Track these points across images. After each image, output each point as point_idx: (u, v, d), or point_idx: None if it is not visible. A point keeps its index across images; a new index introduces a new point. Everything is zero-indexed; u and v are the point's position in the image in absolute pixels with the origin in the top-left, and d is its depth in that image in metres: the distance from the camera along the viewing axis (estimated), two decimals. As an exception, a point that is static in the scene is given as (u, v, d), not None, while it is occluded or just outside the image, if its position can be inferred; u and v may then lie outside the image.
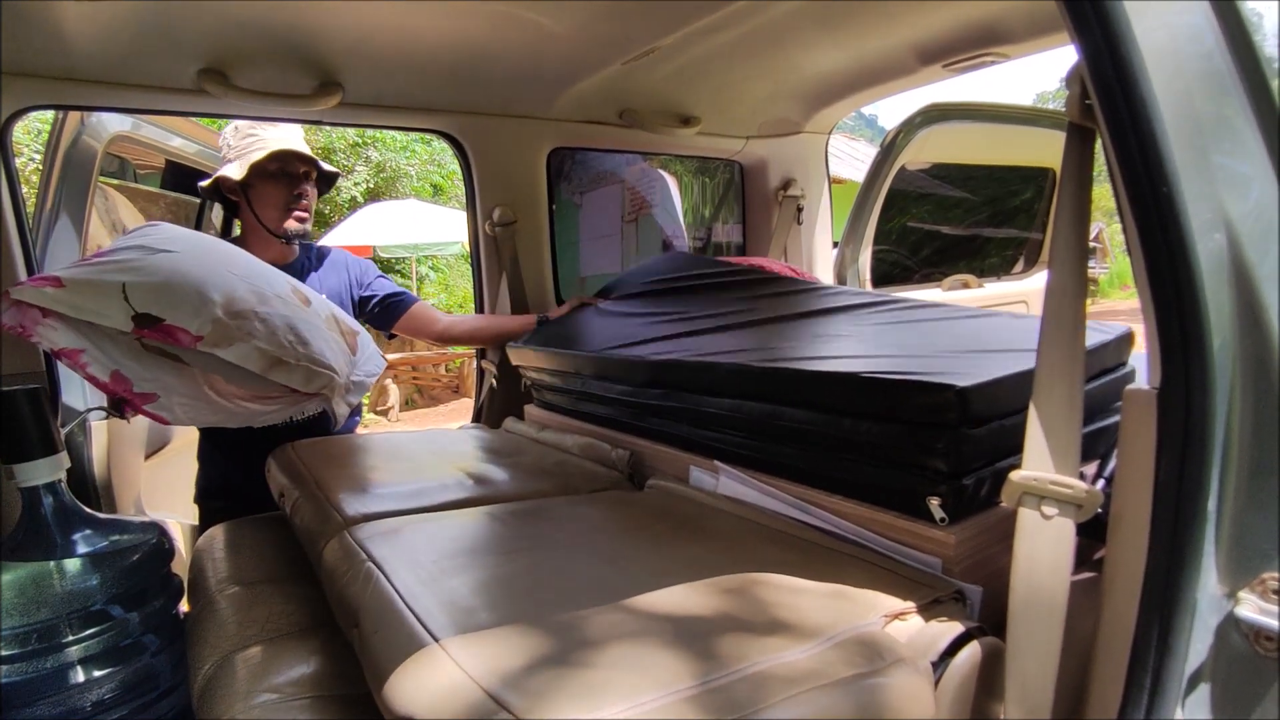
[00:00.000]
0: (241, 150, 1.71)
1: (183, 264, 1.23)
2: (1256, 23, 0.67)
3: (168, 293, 1.18)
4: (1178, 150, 0.60)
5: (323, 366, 1.31)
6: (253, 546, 1.29)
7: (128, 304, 1.14)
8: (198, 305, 1.19)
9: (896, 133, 2.53)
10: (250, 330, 1.22)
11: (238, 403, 1.32)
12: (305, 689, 0.88)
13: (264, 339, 1.23)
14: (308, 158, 1.74)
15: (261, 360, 1.22)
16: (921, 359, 1.04)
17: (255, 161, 1.68)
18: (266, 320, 1.25)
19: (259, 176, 1.70)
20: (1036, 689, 0.68)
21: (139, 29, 1.30)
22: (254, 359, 1.21)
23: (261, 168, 1.69)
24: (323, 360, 1.31)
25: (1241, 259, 0.62)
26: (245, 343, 1.21)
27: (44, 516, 0.99)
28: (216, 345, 1.18)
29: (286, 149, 1.69)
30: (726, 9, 1.40)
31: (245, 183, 1.71)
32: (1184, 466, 0.61)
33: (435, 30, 1.46)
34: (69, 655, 0.92)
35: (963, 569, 0.84)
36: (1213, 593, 0.64)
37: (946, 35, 1.71)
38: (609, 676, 0.64)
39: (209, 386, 1.28)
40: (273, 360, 1.24)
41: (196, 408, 1.26)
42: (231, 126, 1.75)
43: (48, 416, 1.03)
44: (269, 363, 1.23)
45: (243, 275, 1.29)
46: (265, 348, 1.22)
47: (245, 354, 1.20)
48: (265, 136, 1.71)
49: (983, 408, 0.86)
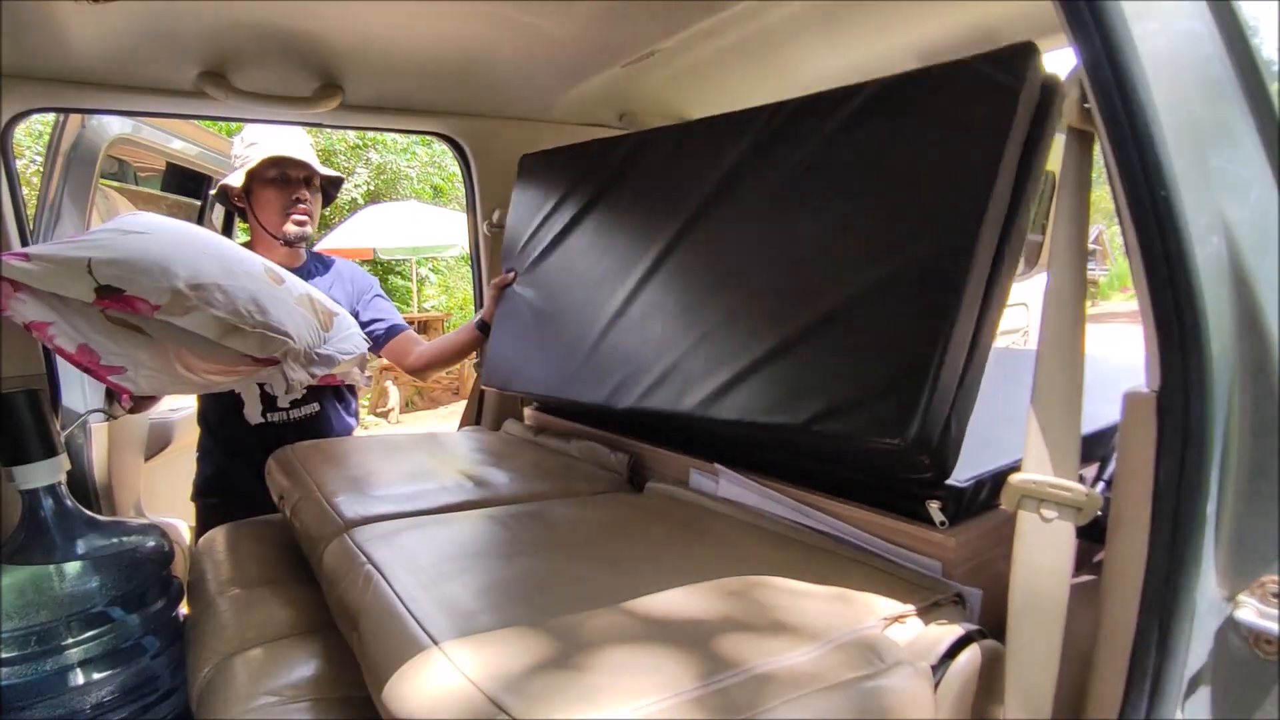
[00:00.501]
0: (245, 159, 1.73)
1: (152, 244, 1.27)
2: (1254, 27, 0.67)
3: (130, 267, 1.21)
4: (1176, 154, 0.60)
5: (277, 332, 1.34)
6: (252, 549, 1.29)
7: (92, 277, 1.18)
8: (158, 278, 1.22)
9: (896, 135, 2.52)
10: (209, 300, 1.25)
11: (204, 375, 1.36)
12: (305, 691, 0.88)
13: (221, 308, 1.26)
14: (301, 162, 1.75)
15: (217, 327, 1.26)
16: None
17: (251, 168, 1.69)
18: (228, 291, 1.28)
19: (257, 182, 1.73)
20: (1036, 692, 0.68)
21: (140, 32, 1.30)
22: (210, 326, 1.25)
23: (259, 174, 1.71)
24: (279, 327, 1.34)
25: (1240, 262, 0.63)
26: (201, 311, 1.24)
27: (44, 519, 0.99)
28: (172, 314, 1.22)
29: (279, 155, 1.70)
30: (726, 13, 1.40)
31: (246, 189, 1.73)
32: (1183, 469, 0.61)
33: (435, 32, 1.46)
34: (69, 657, 0.92)
35: (962, 572, 0.84)
36: (1212, 596, 0.64)
37: (945, 38, 1.71)
38: (609, 680, 0.64)
39: (178, 361, 1.32)
40: (228, 327, 1.27)
41: (160, 380, 1.31)
42: (240, 137, 1.76)
43: (48, 419, 1.03)
44: (224, 329, 1.27)
45: (214, 255, 1.33)
46: (221, 315, 1.26)
47: (201, 322, 1.24)
48: (266, 143, 1.72)
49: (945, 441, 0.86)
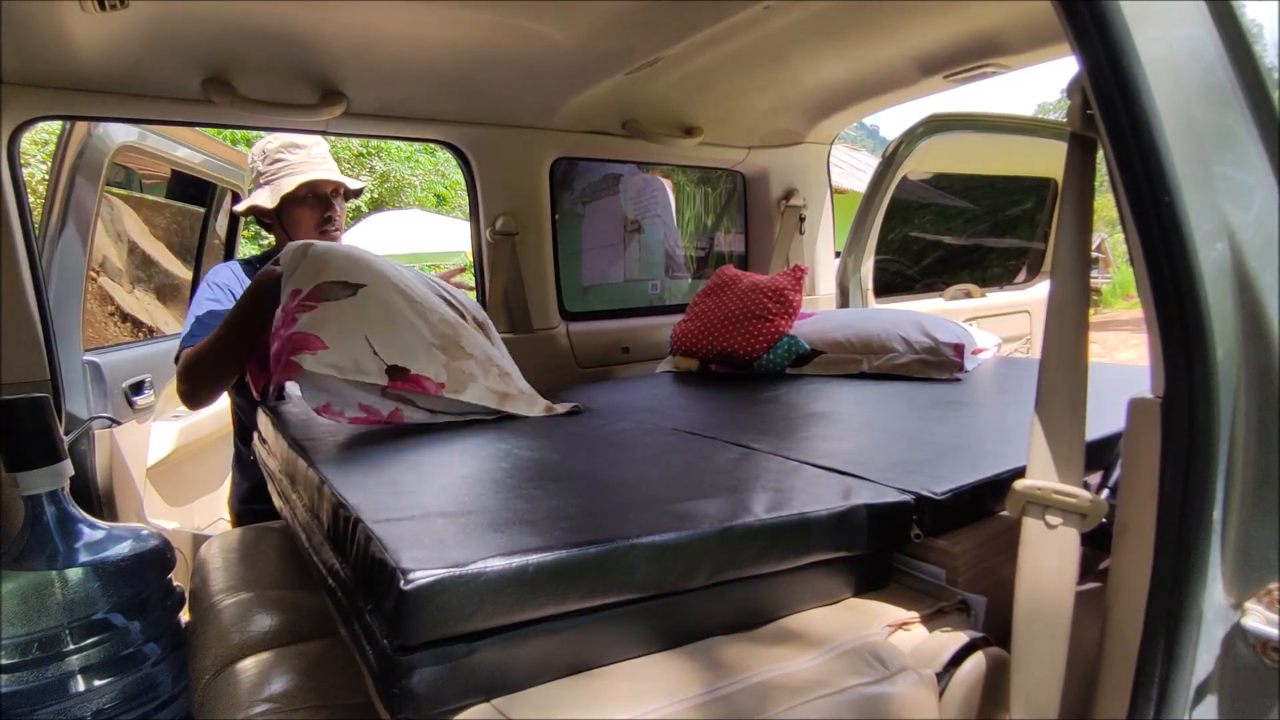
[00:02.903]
0: (271, 175, 1.72)
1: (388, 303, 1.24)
2: (1257, 33, 0.68)
3: (399, 339, 1.20)
4: (1179, 160, 0.60)
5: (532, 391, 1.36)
6: (254, 556, 1.28)
7: (377, 356, 1.16)
8: (427, 351, 1.21)
9: (898, 143, 2.54)
10: (471, 372, 1.25)
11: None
12: (305, 699, 0.87)
13: (481, 376, 1.26)
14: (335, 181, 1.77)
15: (495, 398, 1.27)
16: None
17: (286, 193, 1.70)
18: (473, 356, 1.28)
19: (290, 202, 1.73)
20: (1041, 700, 0.67)
21: (145, 38, 1.31)
22: (490, 398, 1.26)
23: (291, 195, 1.72)
24: (529, 389, 1.36)
25: (1244, 268, 0.62)
26: (476, 384, 1.25)
27: (46, 525, 0.99)
28: (457, 391, 1.22)
29: (314, 180, 1.71)
30: (729, 21, 1.41)
31: (277, 209, 1.73)
32: (1188, 476, 0.61)
33: (439, 40, 1.47)
34: (70, 664, 0.92)
35: (967, 579, 0.84)
36: (1219, 603, 0.63)
37: (947, 46, 1.72)
38: (613, 685, 0.64)
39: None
40: (501, 395, 1.28)
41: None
42: (259, 150, 1.76)
43: (51, 425, 1.03)
44: (499, 398, 1.28)
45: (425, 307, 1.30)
46: (492, 386, 1.27)
47: (481, 394, 1.25)
48: (293, 162, 1.72)
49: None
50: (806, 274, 1.95)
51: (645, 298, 2.77)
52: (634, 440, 1.17)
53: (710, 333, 1.91)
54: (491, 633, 0.63)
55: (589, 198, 2.68)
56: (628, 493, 0.88)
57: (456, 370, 1.23)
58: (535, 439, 1.17)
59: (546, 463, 1.05)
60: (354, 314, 1.20)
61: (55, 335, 1.48)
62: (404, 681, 0.60)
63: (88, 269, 1.88)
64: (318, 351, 1.14)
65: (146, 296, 2.56)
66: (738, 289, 1.96)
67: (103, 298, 2.31)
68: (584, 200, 2.67)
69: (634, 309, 2.55)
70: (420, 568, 0.60)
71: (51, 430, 1.03)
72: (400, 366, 1.17)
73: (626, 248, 2.78)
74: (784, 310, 1.86)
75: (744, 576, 0.76)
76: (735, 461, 1.01)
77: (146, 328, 2.53)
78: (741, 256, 2.67)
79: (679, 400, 1.63)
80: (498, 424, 1.29)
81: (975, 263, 3.16)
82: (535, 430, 1.24)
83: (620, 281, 2.78)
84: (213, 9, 1.25)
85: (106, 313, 2.35)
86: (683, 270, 2.88)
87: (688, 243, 2.87)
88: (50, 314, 1.49)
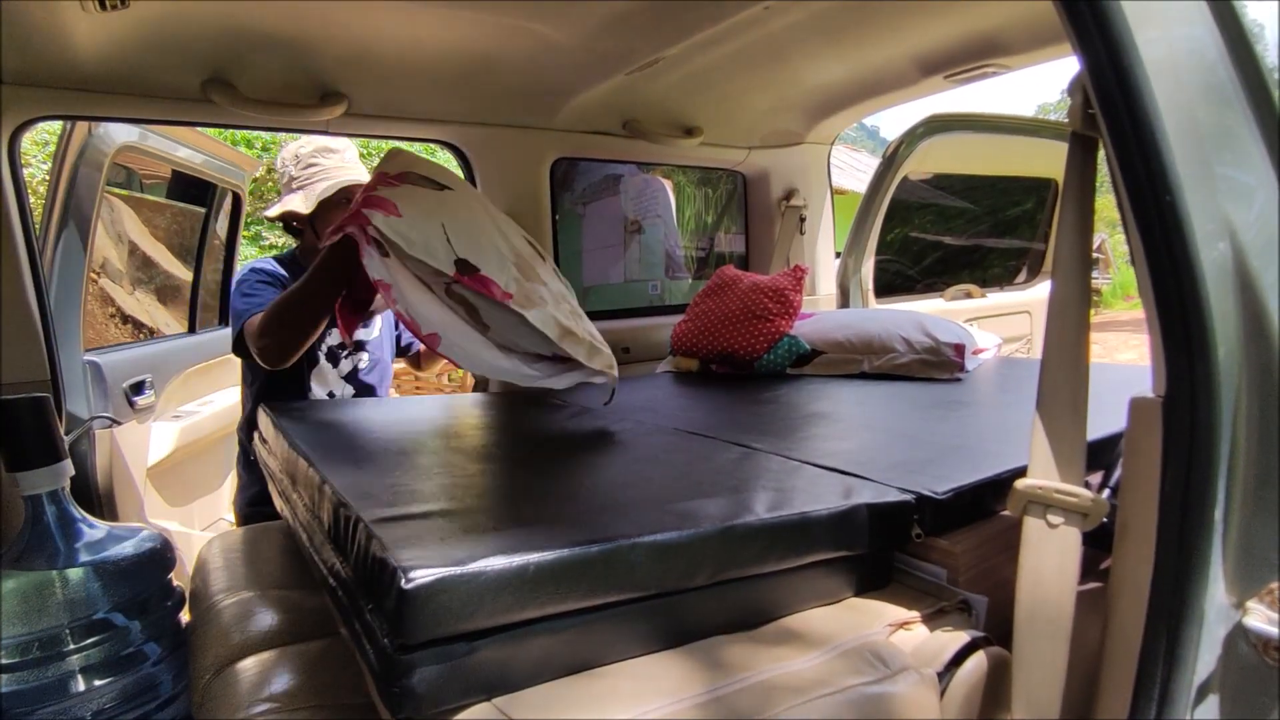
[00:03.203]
0: (305, 180, 1.73)
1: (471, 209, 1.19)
2: (1258, 33, 0.68)
3: (475, 241, 1.15)
4: (1181, 160, 0.60)
5: (600, 343, 1.28)
6: (254, 555, 1.28)
7: (449, 245, 1.11)
8: (501, 261, 1.16)
9: (898, 143, 2.54)
10: (542, 296, 1.19)
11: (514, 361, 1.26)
12: (305, 699, 0.87)
13: (551, 305, 1.19)
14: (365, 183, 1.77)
15: (557, 328, 1.19)
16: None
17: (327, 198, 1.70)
18: (547, 285, 1.22)
19: (325, 207, 1.73)
20: (1043, 699, 0.67)
21: (146, 38, 1.31)
22: (551, 325, 1.18)
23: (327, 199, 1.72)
24: (600, 340, 1.28)
25: (1246, 268, 0.62)
26: (544, 309, 1.17)
27: (47, 525, 0.99)
28: (524, 306, 1.15)
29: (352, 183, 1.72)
30: (729, 21, 1.41)
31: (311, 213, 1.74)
32: (1190, 475, 0.61)
33: (440, 40, 1.47)
34: (70, 664, 0.92)
35: (968, 578, 0.84)
36: (1220, 603, 0.63)
37: (947, 46, 1.72)
38: (614, 684, 0.64)
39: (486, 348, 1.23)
40: (564, 330, 1.20)
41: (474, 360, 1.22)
42: (291, 154, 1.76)
43: (52, 425, 1.03)
44: (562, 331, 1.19)
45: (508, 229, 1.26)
46: (559, 319, 1.19)
47: (544, 319, 1.17)
48: (327, 166, 1.73)
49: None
50: (807, 274, 1.95)
51: (645, 298, 2.77)
52: (635, 440, 1.17)
53: (711, 333, 1.91)
54: (492, 632, 0.63)
55: (589, 198, 2.68)
56: (628, 492, 0.88)
57: (527, 289, 1.17)
58: (536, 439, 1.17)
59: (547, 462, 1.05)
60: (435, 202, 1.16)
61: (56, 335, 1.48)
62: (404, 680, 0.60)
63: (88, 269, 1.88)
64: (390, 216, 1.10)
65: (147, 298, 2.56)
66: (738, 289, 1.96)
67: (103, 299, 2.31)
68: (584, 201, 2.67)
69: (634, 309, 2.55)
70: (421, 567, 0.60)
71: (52, 430, 1.03)
72: (470, 263, 1.12)
73: (627, 248, 2.78)
74: (784, 310, 1.86)
75: (745, 576, 0.76)
76: (736, 461, 1.01)
77: (147, 329, 2.53)
78: (742, 257, 2.67)
79: (679, 400, 1.63)
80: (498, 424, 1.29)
81: (976, 263, 3.16)
82: (536, 430, 1.24)
83: (621, 282, 2.78)
84: (213, 9, 1.25)
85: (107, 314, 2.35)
86: (683, 271, 2.88)
87: (688, 243, 2.87)
88: (51, 314, 1.49)
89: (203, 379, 2.59)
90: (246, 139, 7.61)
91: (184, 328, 2.72)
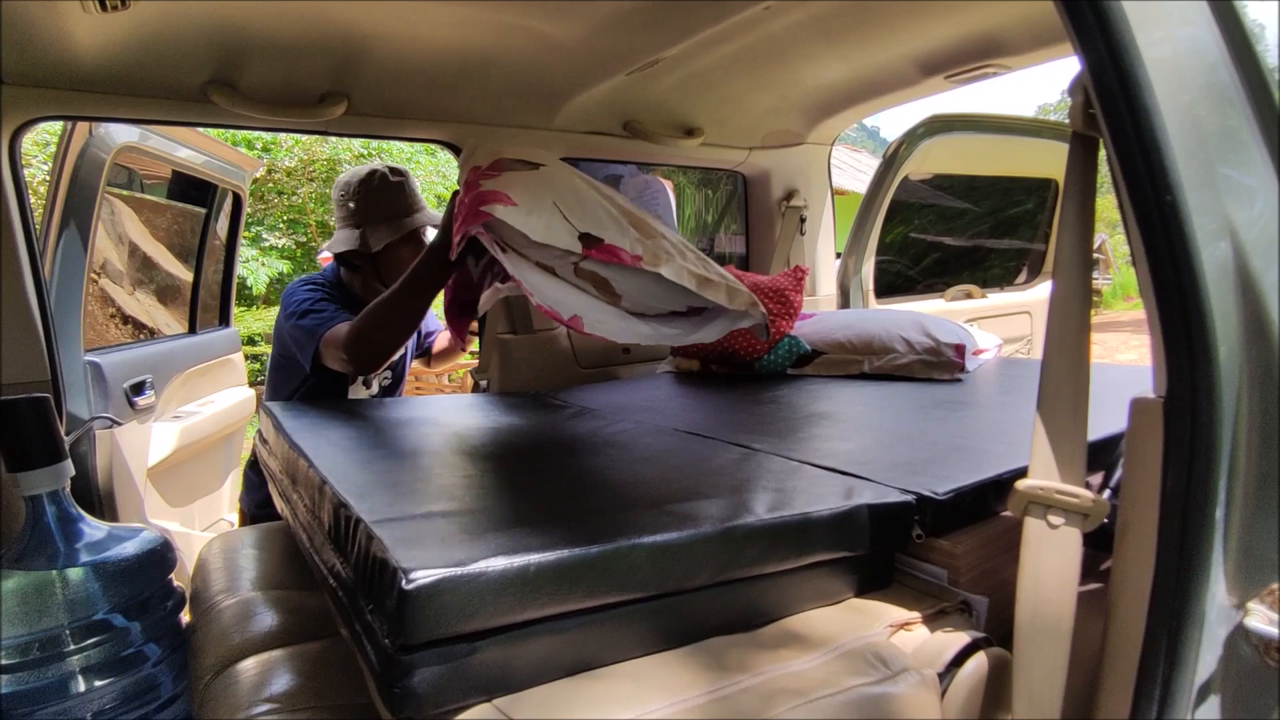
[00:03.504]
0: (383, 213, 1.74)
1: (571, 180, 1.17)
2: (1259, 34, 0.68)
3: (588, 211, 1.13)
4: (1181, 160, 0.60)
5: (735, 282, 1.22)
6: (254, 556, 1.28)
7: (568, 222, 1.09)
8: (618, 225, 1.13)
9: (899, 144, 2.54)
10: (666, 249, 1.15)
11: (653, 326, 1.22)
12: (306, 699, 0.87)
13: (678, 256, 1.16)
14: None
15: (693, 278, 1.15)
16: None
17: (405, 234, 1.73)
18: (666, 237, 1.19)
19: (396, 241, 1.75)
20: (1044, 700, 0.67)
21: (146, 40, 1.31)
22: (686, 276, 1.13)
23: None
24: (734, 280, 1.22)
25: (1247, 268, 0.62)
26: (673, 261, 1.13)
27: (47, 525, 0.99)
28: (654, 264, 1.11)
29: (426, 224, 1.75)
30: (729, 21, 1.41)
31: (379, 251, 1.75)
32: (1191, 476, 0.61)
33: (441, 40, 1.47)
34: (70, 665, 0.92)
35: (969, 579, 0.83)
36: (1221, 603, 0.63)
37: (948, 46, 1.72)
38: (615, 685, 0.64)
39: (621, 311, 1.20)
40: (701, 279, 1.16)
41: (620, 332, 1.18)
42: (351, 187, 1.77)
43: (53, 425, 1.03)
44: (698, 280, 1.15)
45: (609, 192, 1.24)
46: (690, 268, 1.15)
47: (678, 272, 1.13)
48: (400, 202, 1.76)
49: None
50: (807, 275, 1.95)
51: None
52: (635, 440, 1.17)
53: (711, 333, 1.91)
54: (493, 632, 0.63)
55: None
56: (629, 493, 0.88)
57: (651, 245, 1.13)
58: (536, 439, 1.17)
59: (548, 463, 1.05)
60: (538, 182, 1.14)
61: (56, 335, 1.48)
62: (405, 681, 0.60)
63: (89, 269, 1.88)
64: (508, 206, 1.09)
65: (148, 298, 2.56)
66: (738, 289, 1.96)
67: (104, 299, 2.31)
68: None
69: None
70: (421, 567, 0.60)
71: (52, 430, 1.03)
72: (593, 235, 1.09)
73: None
74: (785, 311, 1.86)
75: (746, 576, 0.76)
76: (737, 462, 1.01)
77: (148, 329, 2.53)
78: (742, 257, 2.67)
79: (680, 401, 1.63)
80: (498, 424, 1.28)
81: (976, 263, 3.15)
82: (536, 430, 1.24)
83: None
84: (213, 10, 1.25)
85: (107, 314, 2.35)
86: (683, 271, 2.87)
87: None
88: (51, 314, 1.49)
89: (203, 379, 2.59)
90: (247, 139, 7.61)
91: (184, 328, 2.72)
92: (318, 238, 8.53)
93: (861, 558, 0.84)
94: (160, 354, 2.31)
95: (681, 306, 1.19)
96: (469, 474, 0.96)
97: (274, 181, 8.41)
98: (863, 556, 0.84)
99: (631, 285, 1.14)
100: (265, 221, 8.33)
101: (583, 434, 1.23)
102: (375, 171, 1.78)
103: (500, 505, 0.81)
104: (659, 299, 1.16)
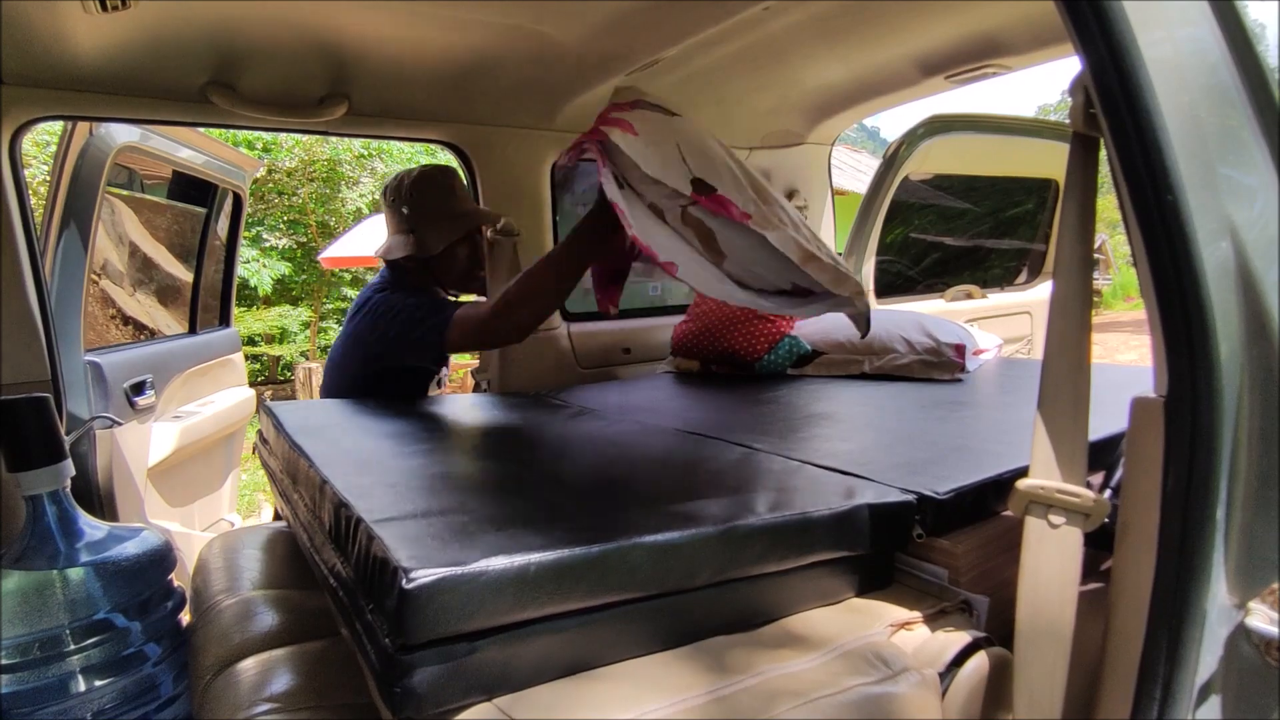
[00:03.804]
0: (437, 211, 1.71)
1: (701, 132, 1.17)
2: (1260, 34, 0.68)
3: (710, 162, 1.12)
4: (1182, 159, 0.60)
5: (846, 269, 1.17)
6: (254, 556, 1.28)
7: (685, 164, 1.09)
8: (737, 183, 1.12)
9: (899, 144, 2.54)
10: (780, 218, 1.12)
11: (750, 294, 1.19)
12: (306, 699, 0.87)
13: (790, 229, 1.12)
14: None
15: (799, 251, 1.11)
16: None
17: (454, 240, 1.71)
18: (785, 209, 1.17)
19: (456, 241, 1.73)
20: (1044, 700, 0.67)
21: (147, 40, 1.31)
22: (792, 247, 1.09)
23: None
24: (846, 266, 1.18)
25: (1247, 267, 0.62)
26: (784, 230, 1.10)
27: (48, 525, 0.99)
28: (763, 227, 1.08)
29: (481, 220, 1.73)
30: (729, 21, 1.41)
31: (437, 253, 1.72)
32: (1192, 475, 0.61)
33: (441, 41, 1.47)
34: (71, 664, 0.92)
35: (969, 579, 0.83)
36: (1222, 603, 0.63)
37: (948, 47, 1.72)
38: (615, 685, 0.64)
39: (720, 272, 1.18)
40: (807, 254, 1.12)
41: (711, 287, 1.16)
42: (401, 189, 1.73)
43: (53, 426, 1.03)
44: (804, 255, 1.11)
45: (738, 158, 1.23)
46: (798, 239, 1.11)
47: (785, 240, 1.09)
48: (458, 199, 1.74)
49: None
50: (807, 275, 1.95)
51: (646, 298, 2.76)
52: (635, 440, 1.17)
53: (711, 333, 1.91)
54: (493, 632, 0.63)
55: (590, 199, 2.67)
56: (629, 492, 0.88)
57: (765, 211, 1.11)
58: (537, 439, 1.17)
59: (548, 462, 1.05)
60: (667, 124, 1.15)
61: (56, 335, 1.49)
62: (405, 680, 0.60)
63: (89, 269, 1.88)
64: (627, 134, 1.09)
65: (148, 298, 2.56)
66: (739, 290, 1.96)
67: (104, 300, 2.31)
68: (585, 202, 2.66)
69: (635, 310, 2.55)
70: (422, 567, 0.60)
71: (53, 430, 1.03)
72: (707, 183, 1.09)
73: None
74: (785, 311, 1.86)
75: (746, 576, 0.76)
76: (737, 462, 1.01)
77: (148, 329, 2.53)
78: (742, 257, 2.67)
79: (680, 401, 1.63)
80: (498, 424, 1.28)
81: (976, 264, 3.15)
82: (536, 430, 1.24)
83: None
84: (214, 10, 1.25)
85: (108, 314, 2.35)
86: (684, 271, 2.87)
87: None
88: (51, 314, 1.49)
89: (203, 379, 2.59)
90: (247, 139, 7.61)
91: (184, 328, 2.72)
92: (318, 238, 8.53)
93: (862, 557, 0.84)
94: (160, 354, 2.31)
95: (786, 284, 1.16)
96: (469, 474, 0.96)
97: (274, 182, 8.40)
98: (863, 556, 0.84)
99: (737, 246, 1.12)
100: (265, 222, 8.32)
101: (583, 434, 1.23)
102: (425, 172, 1.73)
103: (500, 505, 0.81)
104: (763, 268, 1.13)
